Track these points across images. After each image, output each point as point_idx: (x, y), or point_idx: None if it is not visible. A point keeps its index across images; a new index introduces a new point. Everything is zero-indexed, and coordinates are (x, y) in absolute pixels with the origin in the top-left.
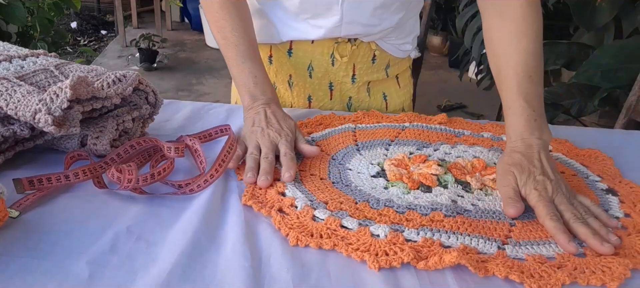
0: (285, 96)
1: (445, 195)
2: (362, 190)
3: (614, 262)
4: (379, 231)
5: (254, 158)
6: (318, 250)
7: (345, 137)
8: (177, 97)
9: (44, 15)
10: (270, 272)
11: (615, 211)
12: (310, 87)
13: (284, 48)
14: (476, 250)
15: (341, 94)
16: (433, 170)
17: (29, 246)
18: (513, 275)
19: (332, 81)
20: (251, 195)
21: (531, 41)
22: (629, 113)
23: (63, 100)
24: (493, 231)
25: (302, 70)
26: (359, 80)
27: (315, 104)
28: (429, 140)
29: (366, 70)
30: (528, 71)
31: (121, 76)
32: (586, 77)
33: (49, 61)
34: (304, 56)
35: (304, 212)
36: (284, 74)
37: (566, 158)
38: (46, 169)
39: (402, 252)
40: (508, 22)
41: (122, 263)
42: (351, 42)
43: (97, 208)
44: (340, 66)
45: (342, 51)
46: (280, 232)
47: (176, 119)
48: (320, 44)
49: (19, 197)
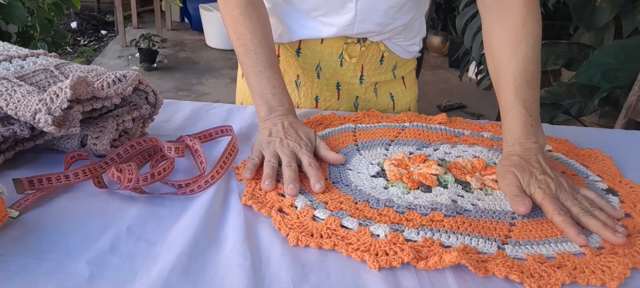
0: (292, 96)
1: (445, 195)
2: (362, 190)
3: (614, 261)
4: (379, 231)
5: (271, 166)
6: (318, 250)
7: (345, 137)
8: (177, 97)
9: (44, 15)
10: (270, 272)
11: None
12: (317, 87)
13: (293, 48)
14: (476, 250)
15: (348, 94)
16: (433, 170)
17: (29, 246)
18: (513, 275)
19: (339, 81)
20: (251, 195)
21: (530, 47)
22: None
23: (63, 100)
24: (493, 231)
25: (310, 71)
26: (367, 80)
27: (323, 103)
28: (429, 140)
29: (374, 71)
30: (526, 76)
31: (121, 76)
32: (586, 77)
33: (49, 61)
34: (312, 56)
35: (304, 212)
36: (291, 75)
37: (566, 158)
38: (46, 169)
39: (402, 251)
40: (508, 27)
41: (122, 263)
42: (360, 43)
43: (97, 208)
44: (348, 67)
45: (351, 52)
46: (280, 232)
47: (176, 119)
48: (329, 45)
49: (19, 197)
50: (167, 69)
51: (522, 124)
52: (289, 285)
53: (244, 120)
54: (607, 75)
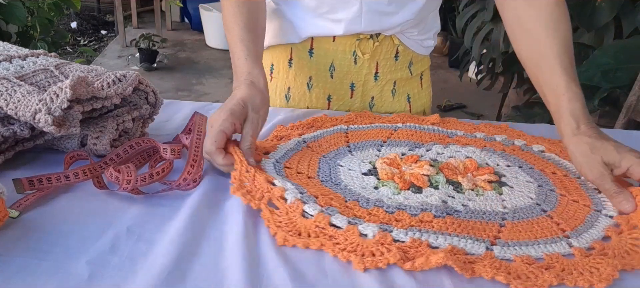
0: (304, 97)
1: (435, 196)
2: (352, 189)
3: (603, 263)
4: (368, 230)
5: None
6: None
7: (337, 138)
8: (177, 97)
9: (44, 15)
10: (268, 271)
11: (609, 210)
12: (331, 87)
13: (305, 48)
14: (464, 251)
15: (363, 93)
16: (424, 171)
17: (29, 246)
18: (500, 276)
19: (353, 82)
20: (239, 183)
21: (568, 28)
22: (629, 113)
23: (63, 100)
24: (482, 232)
25: (324, 71)
26: (382, 78)
27: (335, 103)
28: (421, 140)
29: (389, 67)
30: (569, 55)
31: (121, 76)
32: (586, 77)
33: (49, 61)
34: (325, 56)
35: (293, 206)
36: (303, 76)
37: (559, 159)
38: (46, 169)
39: (389, 252)
40: (543, 8)
41: (121, 263)
42: (373, 38)
43: (97, 208)
44: (362, 64)
45: (364, 48)
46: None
47: (176, 118)
48: (342, 42)
49: (19, 197)
50: (167, 69)
51: (581, 104)
52: (288, 284)
53: None
54: (607, 75)
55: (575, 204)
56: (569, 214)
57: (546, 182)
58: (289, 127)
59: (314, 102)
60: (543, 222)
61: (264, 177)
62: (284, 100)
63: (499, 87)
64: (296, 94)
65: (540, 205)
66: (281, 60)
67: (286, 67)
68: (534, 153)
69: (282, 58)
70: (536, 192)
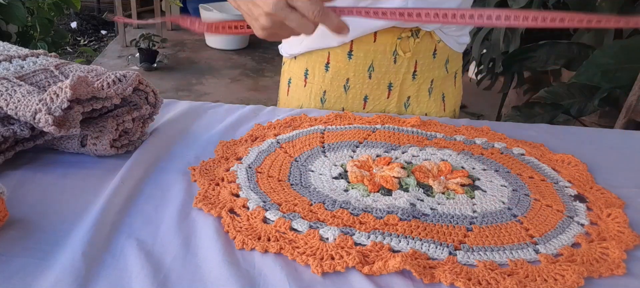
0: (340, 99)
1: (404, 198)
2: (320, 191)
3: (569, 269)
4: (329, 234)
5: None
6: None
7: (312, 139)
8: (177, 97)
9: (44, 15)
10: (265, 271)
11: (581, 218)
12: (368, 87)
13: (344, 51)
14: (426, 256)
15: (400, 93)
16: (395, 173)
17: (29, 246)
18: (459, 282)
19: (392, 82)
20: (203, 197)
21: None
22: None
23: (63, 100)
24: (447, 236)
25: (362, 72)
26: (420, 76)
27: (371, 103)
28: (399, 142)
29: (428, 65)
30: None
31: (121, 76)
32: (586, 77)
33: (49, 61)
34: (365, 57)
35: (254, 213)
36: (340, 79)
37: (538, 163)
38: (46, 169)
39: (348, 256)
40: None
41: (120, 263)
42: (414, 36)
43: (97, 209)
44: (402, 63)
45: (405, 47)
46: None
47: (176, 118)
48: (382, 41)
49: (19, 197)
50: (167, 69)
51: None
52: (285, 284)
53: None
54: (607, 75)
55: (548, 209)
56: (540, 219)
57: (521, 186)
58: (266, 127)
59: (350, 103)
60: (512, 227)
61: (228, 191)
62: (320, 103)
63: (499, 87)
64: (332, 96)
65: (512, 209)
66: (317, 65)
67: (322, 71)
68: (513, 156)
69: (318, 62)
70: (509, 196)
